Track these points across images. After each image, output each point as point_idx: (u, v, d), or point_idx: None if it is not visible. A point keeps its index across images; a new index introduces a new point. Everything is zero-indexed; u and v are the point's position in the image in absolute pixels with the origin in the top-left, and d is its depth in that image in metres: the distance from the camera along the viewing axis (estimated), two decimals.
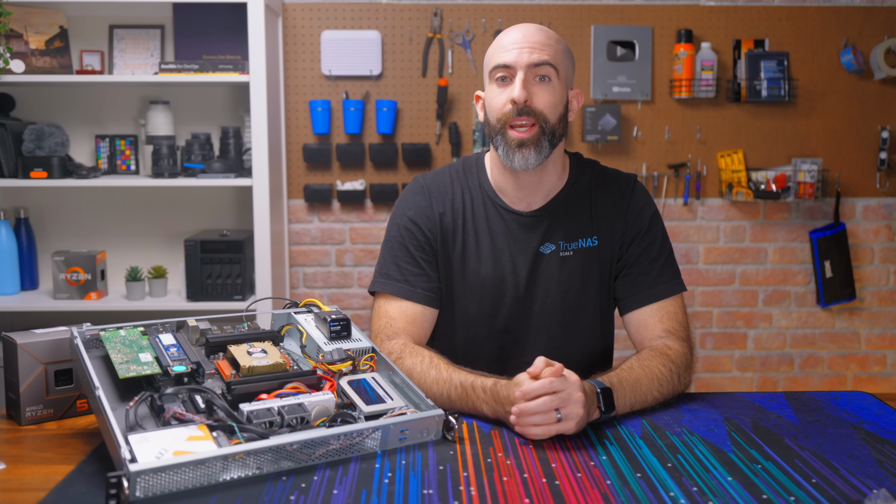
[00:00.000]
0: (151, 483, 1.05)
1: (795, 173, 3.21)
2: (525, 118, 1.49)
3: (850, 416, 1.38)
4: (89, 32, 3.06)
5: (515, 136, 1.50)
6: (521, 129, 1.50)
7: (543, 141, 1.51)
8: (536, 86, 1.50)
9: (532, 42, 1.50)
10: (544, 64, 1.49)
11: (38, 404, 1.36)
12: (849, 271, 3.29)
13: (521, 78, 1.48)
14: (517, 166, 1.52)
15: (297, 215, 3.24)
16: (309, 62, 3.17)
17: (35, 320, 3.03)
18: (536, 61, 1.49)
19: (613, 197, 1.63)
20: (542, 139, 1.50)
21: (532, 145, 1.50)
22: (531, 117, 1.49)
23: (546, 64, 1.49)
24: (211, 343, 1.33)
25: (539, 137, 1.50)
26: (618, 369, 1.42)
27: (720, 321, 3.33)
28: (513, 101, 1.49)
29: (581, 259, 1.61)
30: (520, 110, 1.49)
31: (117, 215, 3.14)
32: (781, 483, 1.12)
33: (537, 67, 1.49)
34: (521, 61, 1.49)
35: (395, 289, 1.59)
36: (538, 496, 1.08)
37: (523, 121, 1.49)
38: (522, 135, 1.50)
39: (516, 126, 1.50)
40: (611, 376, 1.38)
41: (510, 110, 1.50)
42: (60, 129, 2.93)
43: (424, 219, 1.62)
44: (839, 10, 3.19)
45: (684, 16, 3.19)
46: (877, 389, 3.27)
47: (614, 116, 3.17)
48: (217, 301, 2.86)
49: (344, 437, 1.18)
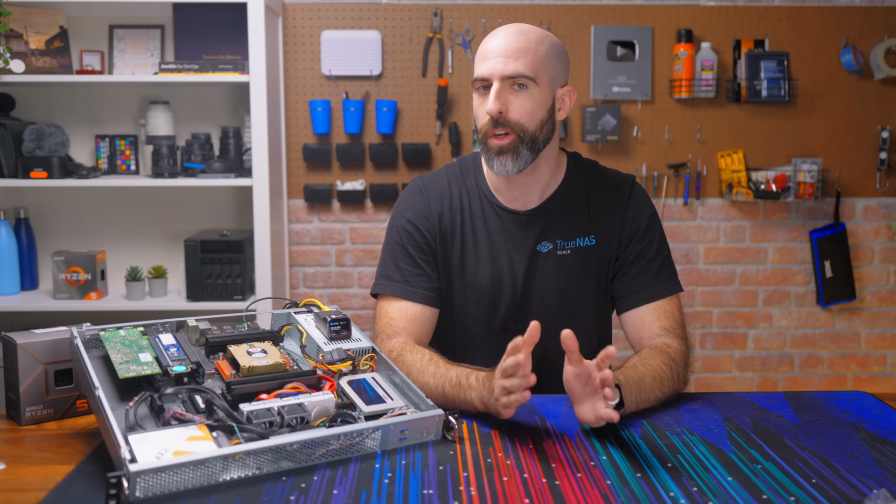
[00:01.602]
0: (151, 483, 1.05)
1: (795, 173, 3.21)
2: (501, 129, 1.51)
3: (850, 416, 1.38)
4: (89, 32, 3.06)
5: (494, 143, 1.52)
6: (498, 137, 1.51)
7: (521, 149, 1.52)
8: (513, 94, 1.51)
9: (509, 51, 1.49)
10: (519, 76, 1.49)
11: (37, 404, 1.36)
12: (849, 271, 3.29)
13: (496, 89, 1.49)
14: (497, 171, 1.54)
15: (297, 215, 3.24)
16: (309, 62, 3.17)
17: (35, 320, 3.03)
18: (511, 73, 1.49)
19: (612, 197, 1.64)
20: (519, 147, 1.51)
21: (509, 153, 1.51)
22: (506, 127, 1.51)
23: (521, 76, 1.49)
24: (211, 343, 1.33)
25: (516, 145, 1.51)
26: (621, 368, 1.42)
27: (720, 321, 3.33)
28: (487, 112, 1.50)
29: (579, 258, 1.61)
30: (495, 122, 1.50)
31: (117, 215, 3.14)
32: (781, 483, 1.12)
33: (513, 78, 1.50)
34: (496, 73, 1.49)
35: (396, 290, 1.60)
36: (538, 496, 1.08)
37: (500, 131, 1.51)
38: (500, 142, 1.51)
39: (495, 135, 1.52)
40: (617, 374, 1.37)
41: (487, 122, 1.52)
42: (60, 129, 2.93)
43: (422, 220, 1.63)
44: (839, 10, 3.19)
45: (684, 16, 3.19)
46: (877, 389, 3.27)
47: (614, 116, 3.17)
48: (217, 301, 2.86)
49: (344, 437, 1.18)
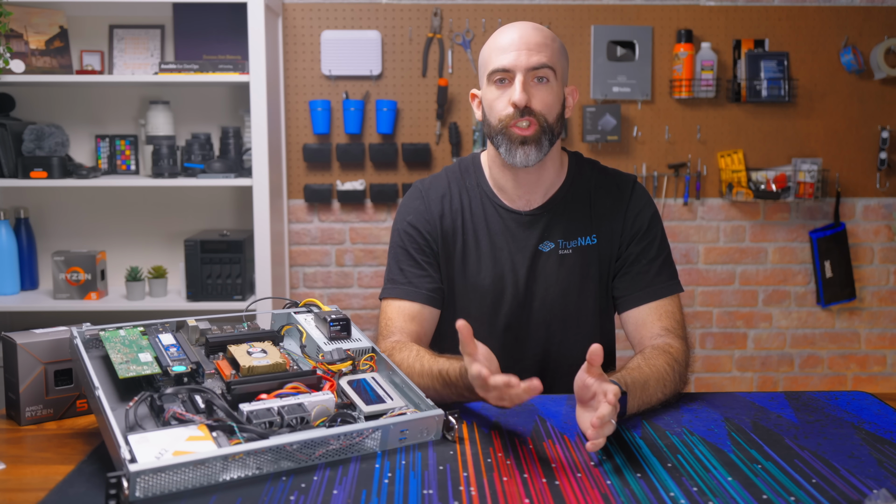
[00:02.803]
0: (151, 483, 1.05)
1: (795, 173, 3.21)
2: (526, 118, 1.51)
3: (850, 416, 1.38)
4: (89, 32, 3.06)
5: (518, 133, 1.52)
6: (522, 127, 1.51)
7: (544, 139, 1.53)
8: (535, 87, 1.52)
9: (530, 44, 1.50)
10: (543, 67, 1.50)
11: (37, 404, 1.36)
12: (849, 271, 3.29)
13: (521, 81, 1.50)
14: (518, 162, 1.54)
15: (297, 215, 3.24)
16: (309, 62, 3.17)
17: (35, 320, 3.03)
18: (535, 64, 1.50)
19: (613, 196, 1.64)
20: (542, 137, 1.52)
21: (534, 143, 1.52)
22: (532, 117, 1.51)
23: (545, 66, 1.50)
24: (211, 343, 1.33)
25: (540, 135, 1.52)
26: (626, 369, 1.40)
27: (720, 321, 3.33)
28: (514, 104, 1.50)
29: (580, 257, 1.61)
30: (521, 112, 1.50)
31: (117, 215, 3.14)
32: (781, 483, 1.12)
33: (536, 70, 1.50)
34: (520, 64, 1.50)
35: (399, 292, 1.61)
36: (538, 496, 1.08)
37: (524, 121, 1.51)
38: (525, 132, 1.51)
39: (518, 125, 1.51)
40: (623, 376, 1.36)
41: (512, 113, 1.51)
42: (60, 129, 2.93)
43: (423, 222, 1.64)
44: (839, 10, 3.19)
45: (684, 16, 3.19)
46: (877, 389, 3.27)
47: (614, 116, 3.17)
48: (217, 301, 2.86)
49: (344, 437, 1.18)
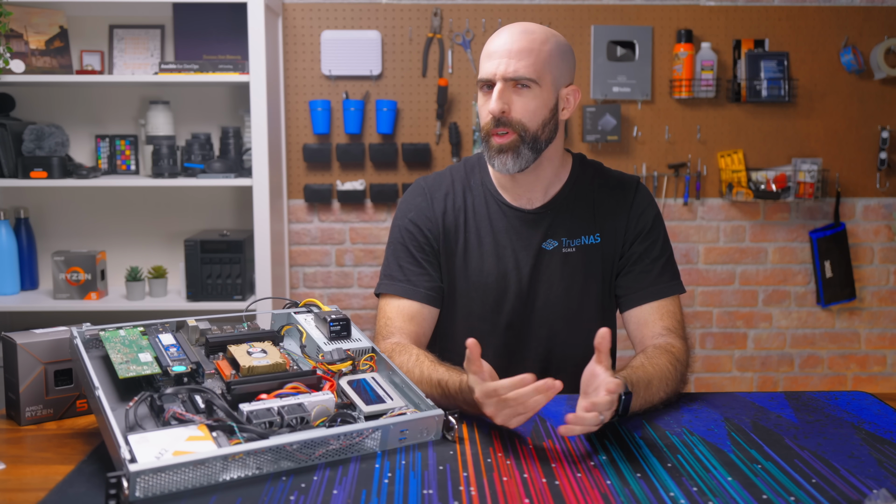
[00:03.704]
0: (151, 483, 1.05)
1: (795, 173, 3.21)
2: (503, 128, 1.52)
3: (850, 416, 1.38)
4: (89, 32, 3.06)
5: (495, 141, 1.53)
6: (499, 135, 1.52)
7: (522, 148, 1.53)
8: (517, 93, 1.52)
9: (512, 52, 1.50)
10: (520, 77, 1.50)
11: (37, 404, 1.36)
12: (849, 271, 3.29)
13: (499, 90, 1.50)
14: (497, 169, 1.56)
15: (297, 215, 3.24)
16: (309, 62, 3.17)
17: (35, 320, 3.03)
18: (512, 75, 1.50)
19: (617, 196, 1.64)
20: (520, 146, 1.52)
21: (510, 151, 1.52)
22: (508, 127, 1.51)
23: (522, 77, 1.50)
24: (211, 343, 1.33)
25: (517, 145, 1.52)
26: (629, 368, 1.40)
27: (720, 321, 3.32)
28: (490, 112, 1.51)
29: (584, 256, 1.62)
30: (497, 121, 1.52)
31: (117, 215, 3.14)
32: (781, 483, 1.12)
33: (515, 79, 1.50)
34: (499, 73, 1.50)
35: (398, 289, 1.61)
36: (538, 496, 1.08)
37: (501, 130, 1.52)
38: (501, 140, 1.52)
39: (497, 133, 1.53)
40: (627, 374, 1.36)
41: (490, 121, 1.53)
42: (60, 129, 2.93)
43: (425, 220, 1.63)
44: (839, 10, 3.19)
45: (684, 16, 3.18)
46: (877, 389, 3.27)
47: (614, 116, 3.17)
48: (217, 301, 2.86)
49: (344, 437, 1.18)
